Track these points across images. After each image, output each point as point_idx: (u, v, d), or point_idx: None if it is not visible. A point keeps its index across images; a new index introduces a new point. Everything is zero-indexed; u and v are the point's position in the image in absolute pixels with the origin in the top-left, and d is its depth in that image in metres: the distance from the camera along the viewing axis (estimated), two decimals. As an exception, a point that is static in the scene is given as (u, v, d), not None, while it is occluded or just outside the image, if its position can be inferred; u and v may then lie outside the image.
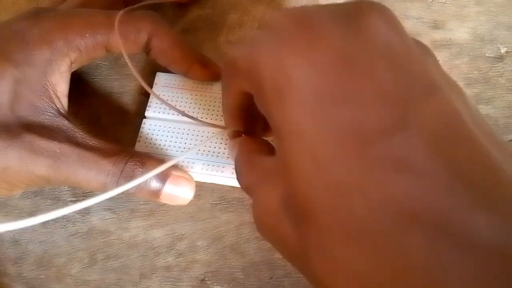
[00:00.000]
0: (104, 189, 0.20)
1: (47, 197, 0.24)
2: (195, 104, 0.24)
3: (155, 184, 0.21)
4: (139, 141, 0.24)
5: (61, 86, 0.22)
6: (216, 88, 0.25)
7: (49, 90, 0.21)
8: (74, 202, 0.24)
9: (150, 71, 0.26)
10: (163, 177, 0.21)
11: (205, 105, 0.24)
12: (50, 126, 0.21)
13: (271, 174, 0.15)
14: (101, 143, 0.21)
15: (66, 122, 0.21)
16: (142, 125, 0.24)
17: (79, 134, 0.21)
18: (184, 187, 0.22)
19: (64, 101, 0.22)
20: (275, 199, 0.14)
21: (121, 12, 0.22)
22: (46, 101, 0.21)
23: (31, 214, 0.24)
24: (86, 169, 0.20)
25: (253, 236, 0.23)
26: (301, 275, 0.22)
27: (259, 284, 0.22)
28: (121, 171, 0.20)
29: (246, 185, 0.17)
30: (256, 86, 0.14)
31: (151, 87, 0.25)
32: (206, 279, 0.23)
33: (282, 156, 0.13)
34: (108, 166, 0.20)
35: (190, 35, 0.28)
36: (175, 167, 0.22)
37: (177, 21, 0.28)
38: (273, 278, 0.22)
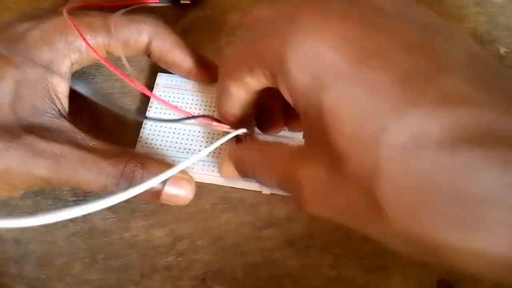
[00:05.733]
0: (104, 191, 0.21)
1: (48, 197, 0.24)
2: (196, 105, 0.24)
3: (156, 185, 0.21)
4: (139, 142, 0.24)
5: (61, 87, 0.22)
6: None
7: (50, 91, 0.21)
8: (75, 202, 0.24)
9: (151, 71, 0.26)
10: (163, 178, 0.21)
11: (206, 106, 0.24)
12: (50, 127, 0.21)
13: (310, 157, 0.16)
14: (101, 144, 0.21)
15: (66, 123, 0.21)
16: (143, 126, 0.24)
17: (80, 135, 0.21)
18: (185, 188, 0.22)
19: (65, 102, 0.22)
20: (323, 173, 0.15)
21: (116, 13, 0.22)
22: (47, 102, 0.21)
23: (32, 214, 0.24)
24: (87, 170, 0.20)
25: (253, 236, 0.23)
26: (301, 274, 0.22)
27: (259, 283, 0.23)
28: (121, 173, 0.20)
29: (284, 180, 0.17)
30: (283, 76, 0.15)
31: (152, 87, 0.25)
32: (206, 278, 0.23)
33: (326, 133, 0.14)
34: (108, 168, 0.20)
35: (190, 36, 0.28)
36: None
37: (176, 22, 0.28)
38: (272, 277, 0.23)
